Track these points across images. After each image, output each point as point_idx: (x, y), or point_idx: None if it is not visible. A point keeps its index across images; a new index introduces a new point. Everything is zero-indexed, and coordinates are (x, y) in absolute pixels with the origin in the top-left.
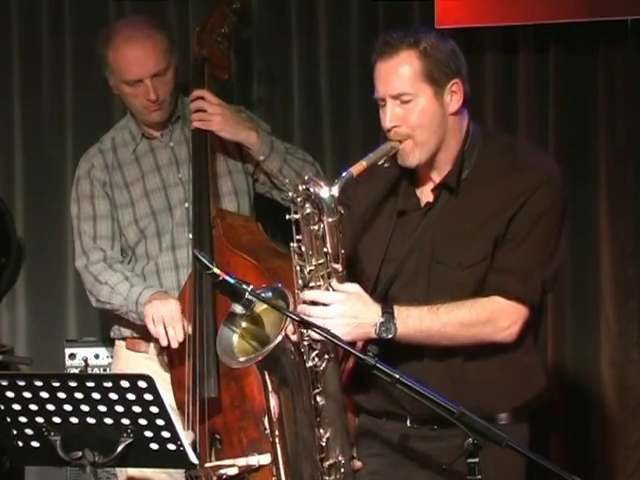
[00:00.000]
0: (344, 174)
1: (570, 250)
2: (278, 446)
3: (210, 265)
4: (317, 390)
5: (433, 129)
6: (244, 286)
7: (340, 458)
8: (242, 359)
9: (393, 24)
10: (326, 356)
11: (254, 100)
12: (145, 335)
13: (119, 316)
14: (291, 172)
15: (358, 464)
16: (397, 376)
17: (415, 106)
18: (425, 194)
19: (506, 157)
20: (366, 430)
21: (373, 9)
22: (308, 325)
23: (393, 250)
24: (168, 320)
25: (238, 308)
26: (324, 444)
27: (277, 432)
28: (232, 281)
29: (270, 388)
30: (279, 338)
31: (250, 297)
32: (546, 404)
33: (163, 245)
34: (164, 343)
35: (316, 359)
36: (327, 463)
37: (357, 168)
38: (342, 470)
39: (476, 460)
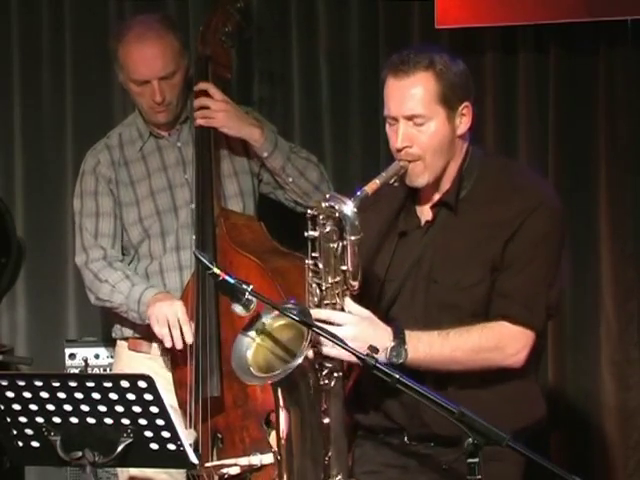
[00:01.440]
0: (359, 193)
1: (570, 250)
2: (284, 464)
3: (210, 265)
4: (323, 408)
5: (443, 151)
6: (244, 286)
7: (340, 477)
8: (260, 375)
9: (393, 24)
10: (335, 375)
11: (254, 100)
12: (146, 335)
13: (121, 315)
14: (294, 171)
15: None
16: (397, 376)
17: (428, 128)
18: (425, 213)
19: (503, 178)
20: (362, 447)
21: (373, 9)
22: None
23: (394, 270)
24: (173, 322)
25: (238, 308)
26: (327, 463)
27: (284, 450)
28: (232, 281)
29: (282, 407)
30: (300, 359)
31: (250, 297)
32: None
33: (167, 245)
34: (168, 345)
35: (326, 378)
36: None
37: (371, 187)
38: None
39: (476, 460)
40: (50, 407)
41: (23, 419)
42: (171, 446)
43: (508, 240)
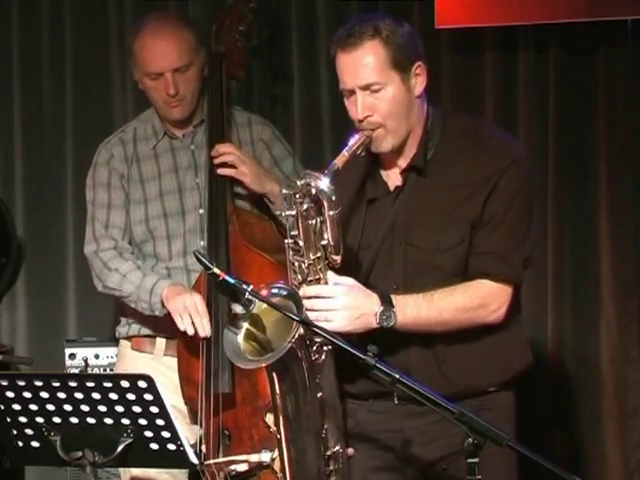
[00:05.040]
0: (330, 166)
1: (570, 250)
2: (284, 443)
3: (210, 265)
4: (316, 382)
5: (403, 115)
6: (244, 286)
7: (337, 448)
8: (252, 358)
9: None
10: (325, 349)
11: (254, 100)
12: (153, 332)
13: (131, 313)
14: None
15: (350, 451)
16: (397, 376)
17: (385, 94)
18: (392, 179)
19: (469, 137)
20: (356, 416)
21: (373, 9)
22: (311, 327)
23: (367, 238)
24: (194, 312)
25: (238, 308)
26: (324, 435)
27: (283, 429)
28: (232, 281)
29: (277, 387)
30: (289, 345)
31: (250, 297)
32: (548, 403)
33: (173, 250)
34: (191, 331)
35: (316, 353)
36: (327, 454)
37: (341, 160)
38: (340, 459)
39: (476, 460)
40: (50, 407)
41: (23, 419)
42: (171, 446)
43: (486, 199)
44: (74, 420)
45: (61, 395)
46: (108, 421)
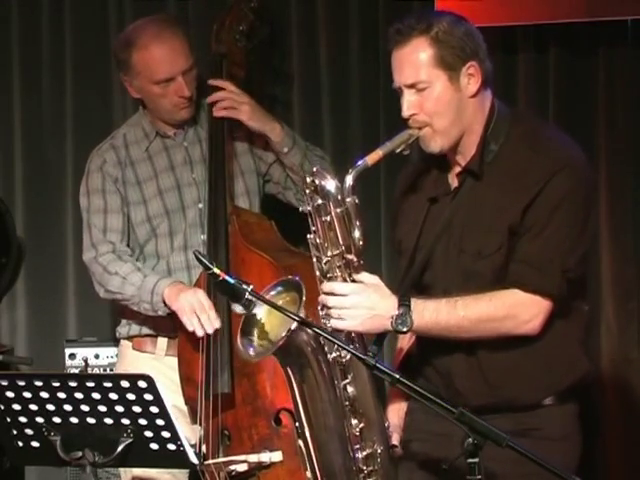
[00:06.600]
0: (359, 163)
1: None
2: (309, 438)
3: (210, 265)
4: (347, 380)
5: (451, 115)
6: (244, 286)
7: (376, 447)
8: (252, 353)
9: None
10: (350, 346)
11: (254, 100)
12: (154, 332)
13: (131, 313)
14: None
15: (398, 452)
16: (397, 376)
17: (430, 93)
18: (454, 179)
19: (527, 140)
20: (413, 414)
21: (373, 9)
22: (308, 326)
23: (424, 238)
24: (200, 308)
25: (238, 308)
26: (358, 434)
27: (306, 424)
28: (232, 281)
29: (294, 382)
30: (284, 334)
31: (250, 297)
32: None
33: (175, 245)
34: (200, 333)
35: (338, 350)
36: (364, 453)
37: (372, 157)
38: (379, 460)
39: (476, 460)
40: (50, 407)
41: (23, 419)
42: (171, 446)
43: (528, 206)
44: (74, 420)
45: (61, 395)
46: (108, 421)
